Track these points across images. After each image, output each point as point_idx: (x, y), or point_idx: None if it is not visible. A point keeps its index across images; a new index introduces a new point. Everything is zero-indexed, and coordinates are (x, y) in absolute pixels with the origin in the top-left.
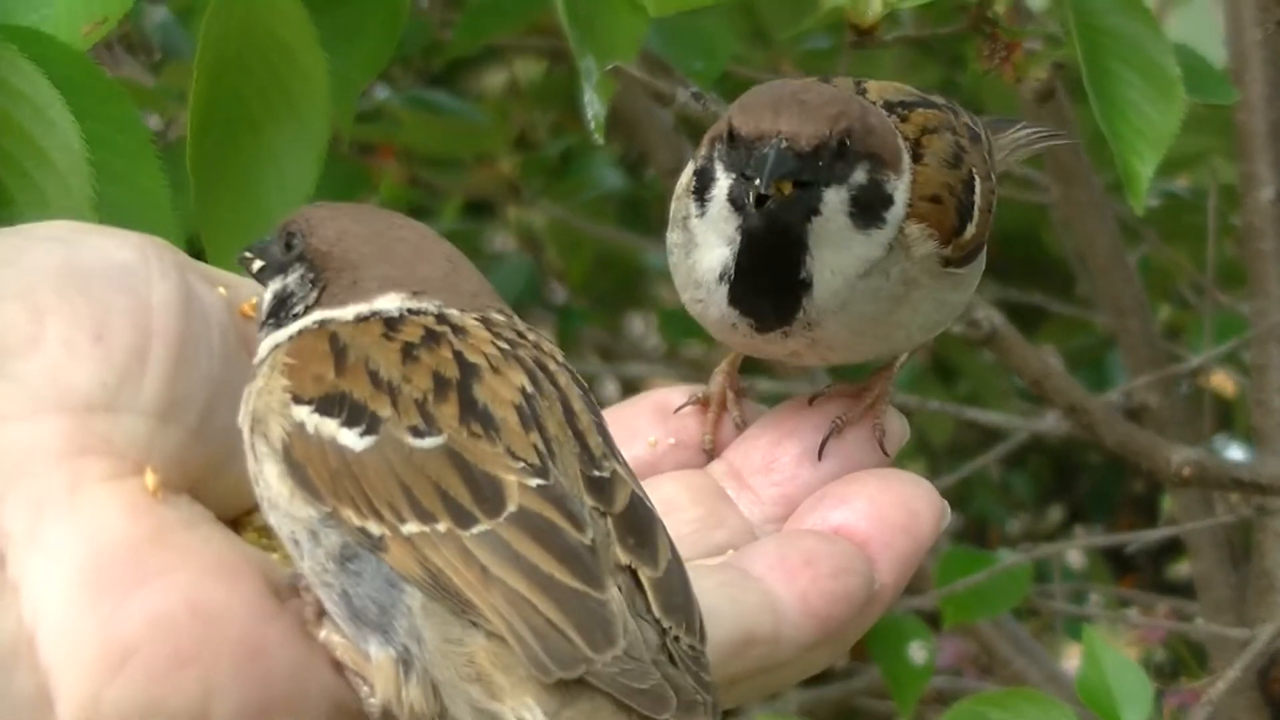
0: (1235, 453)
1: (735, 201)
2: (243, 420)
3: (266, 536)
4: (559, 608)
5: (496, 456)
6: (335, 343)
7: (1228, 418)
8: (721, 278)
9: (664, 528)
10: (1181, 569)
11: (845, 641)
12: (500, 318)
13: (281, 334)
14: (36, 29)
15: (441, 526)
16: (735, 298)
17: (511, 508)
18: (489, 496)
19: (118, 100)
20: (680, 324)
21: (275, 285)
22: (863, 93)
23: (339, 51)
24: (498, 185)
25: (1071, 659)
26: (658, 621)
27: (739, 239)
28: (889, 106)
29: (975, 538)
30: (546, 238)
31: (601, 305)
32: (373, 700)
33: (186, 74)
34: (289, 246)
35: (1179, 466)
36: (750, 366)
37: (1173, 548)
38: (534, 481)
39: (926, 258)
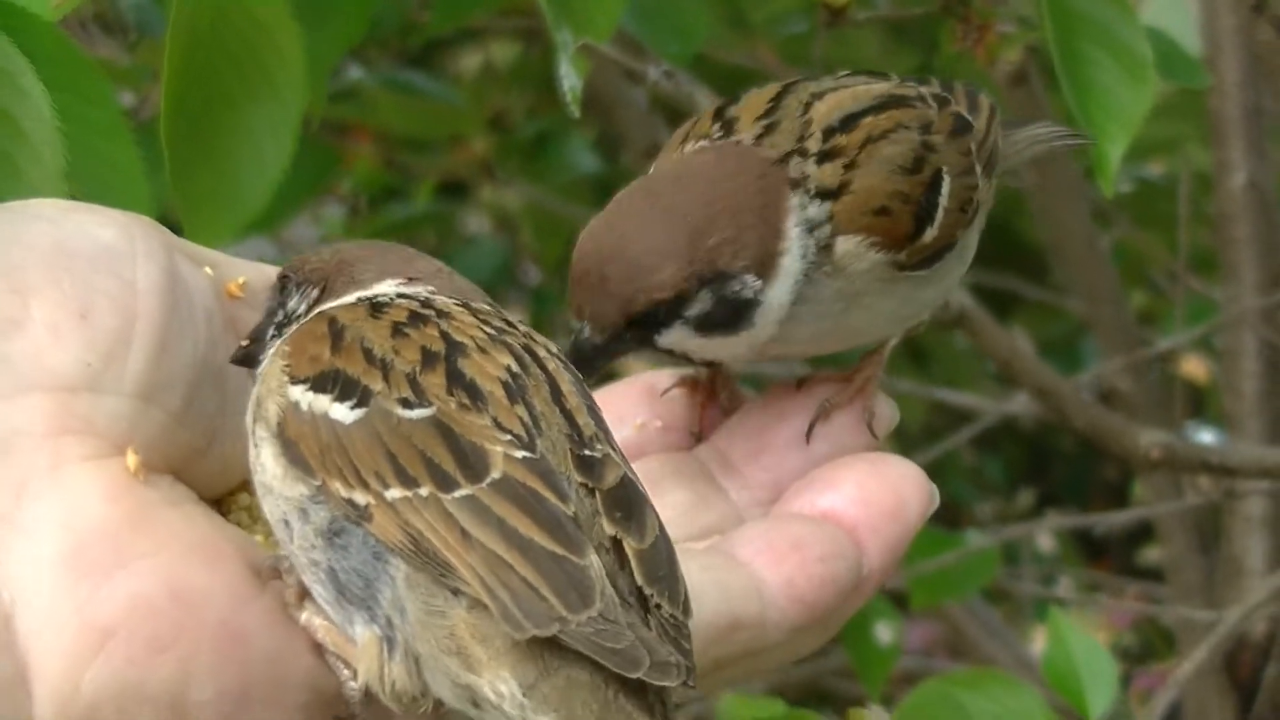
0: (1206, 438)
1: None
2: (249, 412)
3: (250, 519)
4: (536, 568)
5: (484, 428)
6: (333, 325)
7: (1199, 404)
8: None
9: (654, 509)
10: (1152, 554)
11: (832, 626)
12: (486, 307)
13: (286, 334)
14: (8, 1)
15: (424, 491)
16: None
17: (495, 474)
18: (473, 464)
19: (90, 74)
20: None
21: (278, 314)
22: (805, 125)
23: (311, 28)
24: (472, 167)
25: (1040, 642)
26: (640, 590)
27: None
28: (827, 133)
29: (946, 521)
30: (521, 220)
31: None
32: (353, 684)
33: (161, 52)
34: (284, 288)
35: (1148, 448)
36: None
37: (1143, 533)
38: (520, 453)
39: (871, 269)
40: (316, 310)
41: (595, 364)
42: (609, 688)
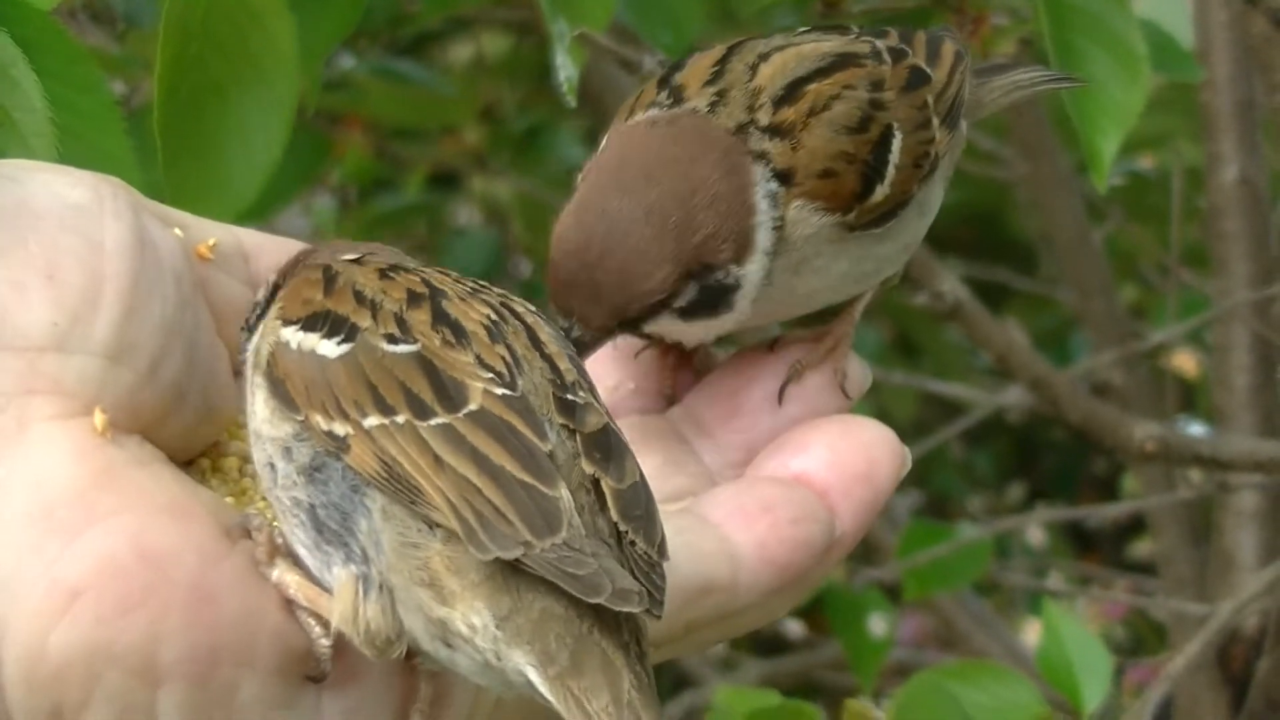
0: (1196, 431)
1: None
2: (247, 363)
3: (221, 483)
4: (505, 494)
5: (466, 364)
6: (327, 271)
7: (1190, 397)
8: None
9: (634, 458)
10: (1142, 548)
11: (804, 588)
12: (456, 274)
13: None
14: None
15: (401, 418)
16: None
17: (473, 406)
18: (452, 396)
19: (82, 63)
20: None
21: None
22: (755, 94)
23: (304, 18)
24: (464, 158)
25: (1032, 635)
26: (615, 525)
27: None
28: (776, 104)
29: (936, 514)
30: (512, 211)
31: None
32: (324, 641)
33: (151, 42)
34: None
35: (1142, 441)
36: None
37: (1133, 527)
38: (500, 390)
39: (818, 232)
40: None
41: (584, 355)
42: (583, 622)
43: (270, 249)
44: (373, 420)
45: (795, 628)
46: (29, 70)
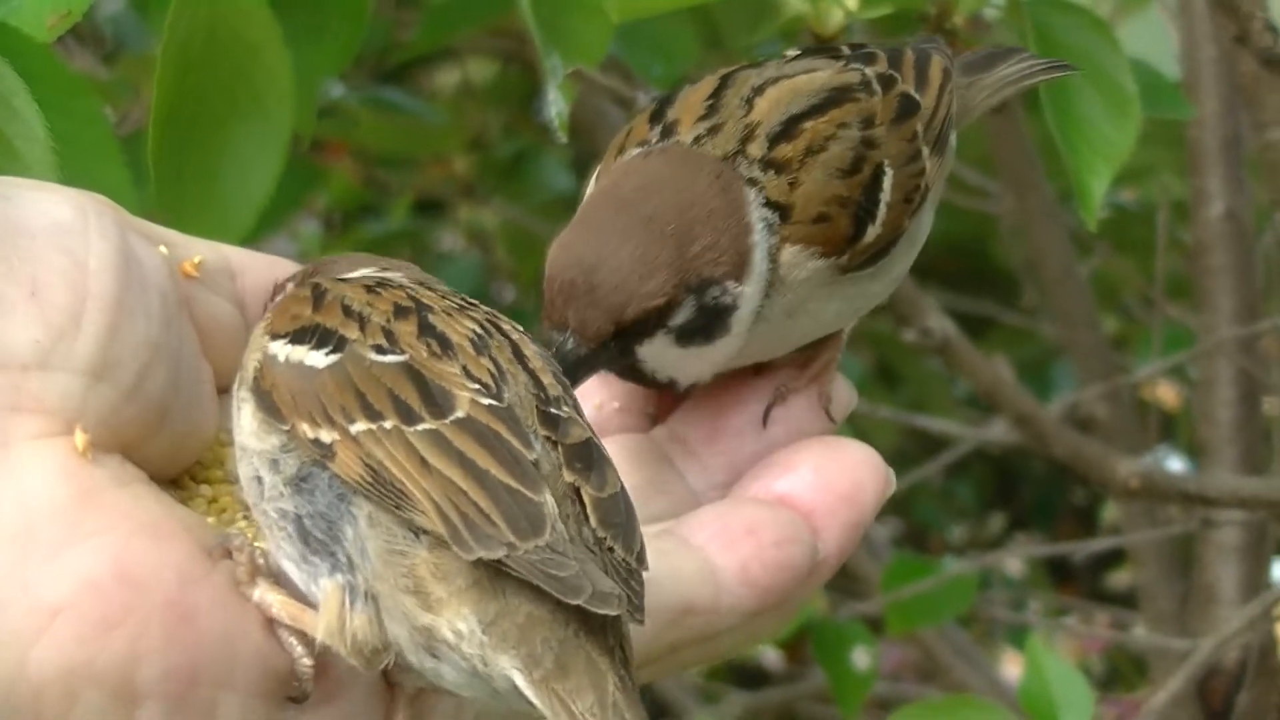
0: (1176, 463)
1: None
2: (235, 380)
3: (205, 504)
4: (490, 497)
5: (453, 375)
6: (316, 289)
7: (1169, 428)
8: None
9: (616, 471)
10: (1120, 578)
11: (788, 611)
12: (445, 289)
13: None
14: (1, 21)
15: (388, 424)
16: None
17: (460, 413)
18: (439, 403)
19: (81, 95)
20: None
21: None
22: (750, 128)
23: (302, 50)
24: (450, 185)
25: (1010, 666)
26: (594, 531)
27: None
28: (772, 141)
29: (917, 544)
30: (497, 238)
31: None
32: (306, 661)
33: (141, 67)
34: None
35: (1127, 478)
36: None
37: (1112, 557)
38: (486, 400)
39: (812, 276)
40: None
41: (578, 375)
42: (568, 626)
43: (257, 267)
44: (360, 426)
45: (775, 657)
46: (30, 101)
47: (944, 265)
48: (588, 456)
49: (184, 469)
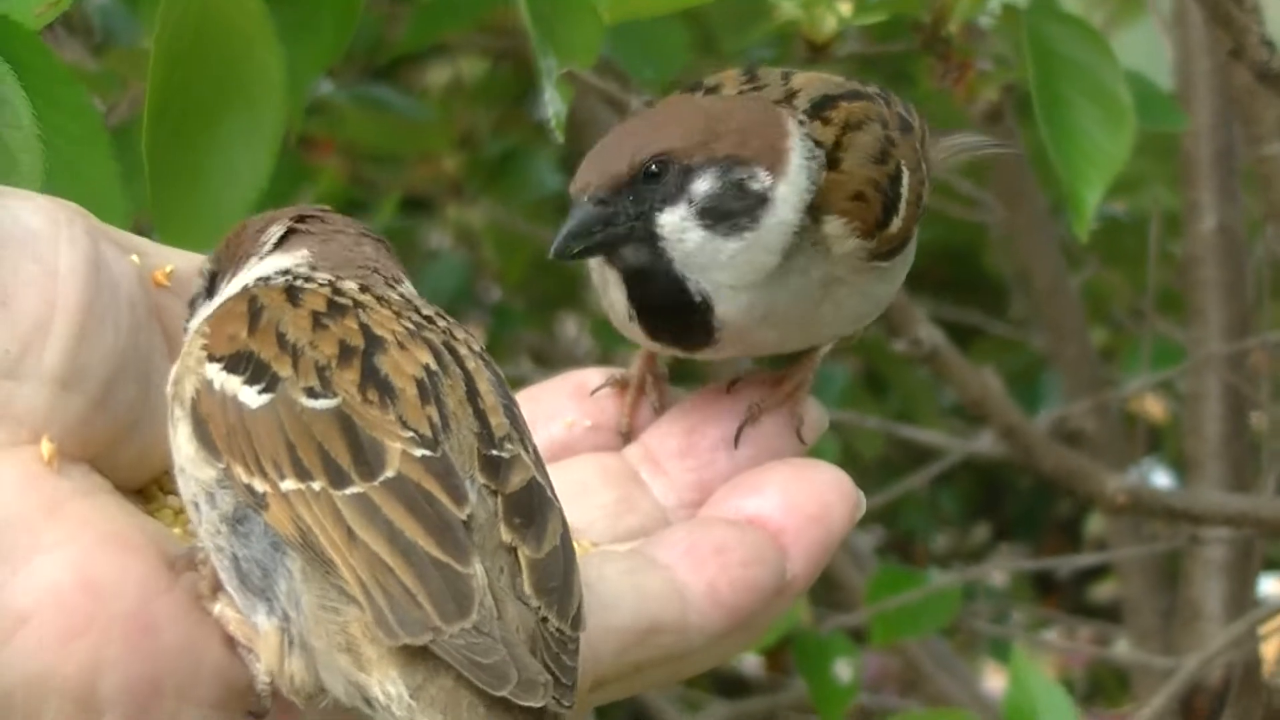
0: (1163, 478)
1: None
2: (169, 389)
3: (173, 515)
4: (416, 575)
5: (387, 424)
6: (253, 304)
7: (1157, 442)
8: (630, 317)
9: (561, 517)
10: (1103, 591)
11: (755, 630)
12: (396, 296)
13: (206, 309)
14: None
15: (317, 485)
16: (651, 331)
17: (389, 473)
18: (369, 460)
19: (70, 85)
20: (614, 329)
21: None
22: (790, 92)
23: (292, 46)
24: (438, 183)
25: (993, 678)
26: (529, 599)
27: (622, 281)
28: (813, 106)
29: (902, 554)
30: (484, 237)
31: (536, 307)
32: (264, 678)
33: (130, 59)
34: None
35: (1114, 493)
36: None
37: (1097, 570)
38: (419, 451)
39: (850, 254)
40: (230, 288)
41: (592, 233)
42: (493, 696)
43: None
44: (290, 484)
45: (756, 665)
46: (18, 88)
47: (934, 274)
48: (528, 507)
49: (151, 479)
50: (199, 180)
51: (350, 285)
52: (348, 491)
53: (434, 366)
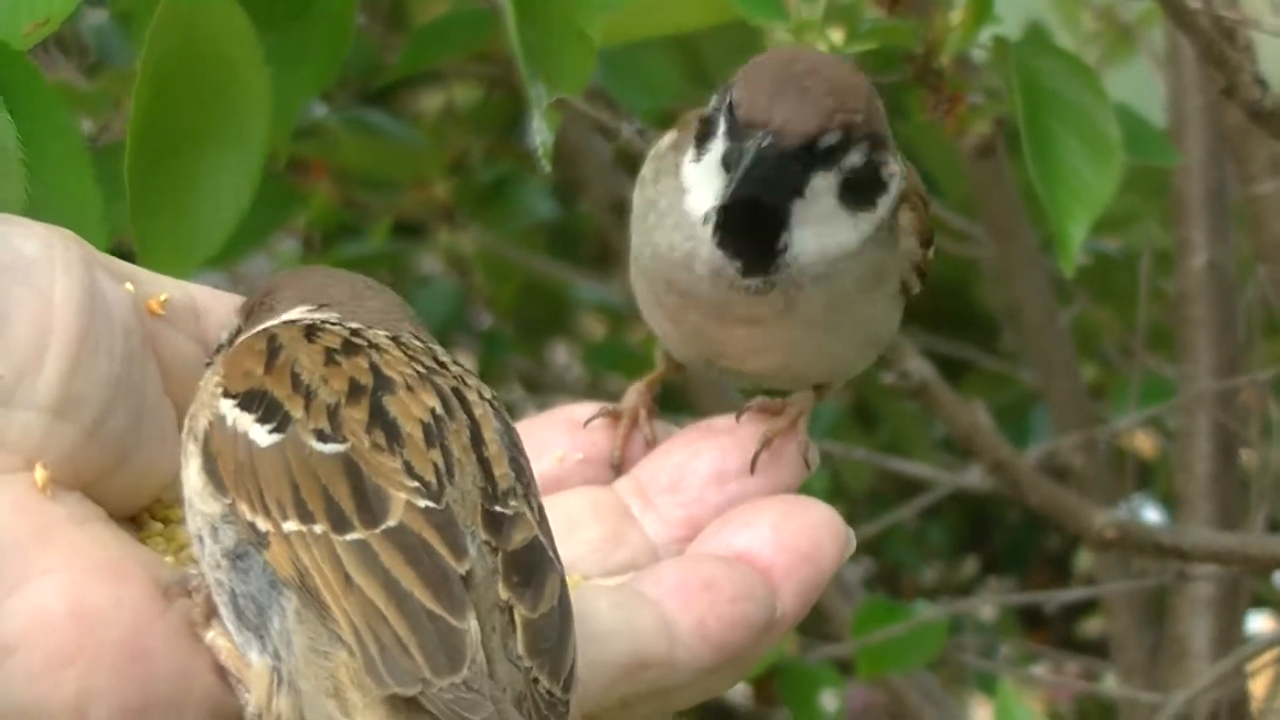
0: (1152, 514)
1: (725, 165)
2: (185, 425)
3: (165, 542)
4: (409, 625)
5: (393, 471)
6: (272, 343)
7: (1146, 478)
8: (708, 221)
9: (561, 578)
10: (1092, 626)
11: (744, 667)
12: (416, 342)
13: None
14: None
15: (318, 528)
16: (723, 241)
17: (391, 522)
18: (372, 508)
19: (54, 106)
20: (605, 356)
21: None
22: None
23: (283, 70)
24: (430, 208)
25: (980, 711)
26: (520, 661)
27: (726, 200)
28: None
29: (889, 586)
30: (475, 263)
31: (527, 334)
32: (253, 710)
33: (122, 80)
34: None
35: (1102, 528)
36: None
37: (1084, 605)
38: (423, 503)
39: (905, 255)
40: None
41: (764, 180)
42: None
43: (222, 307)
44: (291, 525)
45: (743, 693)
46: (3, 109)
47: (926, 308)
48: (528, 566)
49: (143, 507)
50: (180, 202)
51: (377, 334)
52: (348, 537)
53: (439, 411)
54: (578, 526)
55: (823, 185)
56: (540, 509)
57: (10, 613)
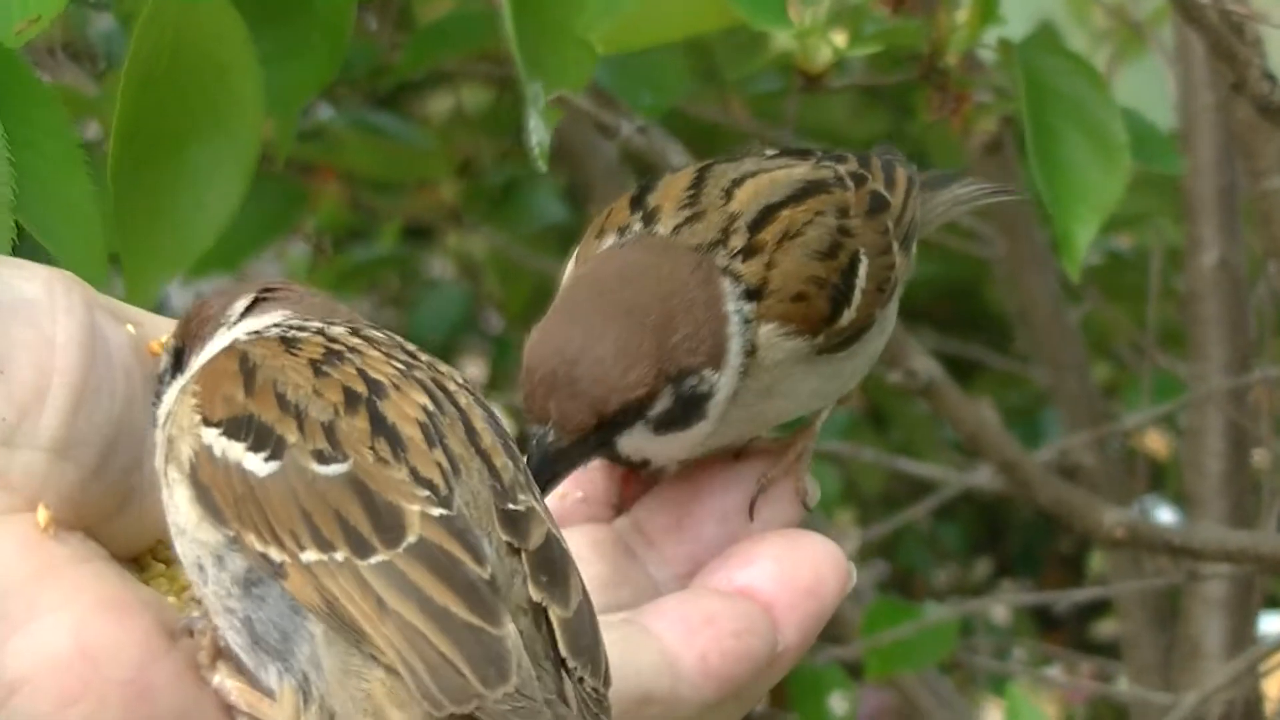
0: (1164, 513)
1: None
2: (157, 452)
3: (169, 583)
4: (452, 641)
5: (401, 484)
6: (245, 363)
7: (1158, 477)
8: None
9: (576, 567)
10: (1106, 628)
11: (747, 701)
12: (379, 334)
13: (184, 376)
14: None
15: (340, 555)
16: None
17: (411, 539)
18: (389, 526)
19: (48, 104)
20: None
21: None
22: (730, 218)
23: (281, 69)
24: (439, 211)
25: (993, 714)
26: (563, 662)
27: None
28: (751, 226)
29: (901, 587)
30: (485, 266)
31: None
32: None
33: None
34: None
35: (1112, 527)
36: None
37: (1098, 606)
38: (436, 511)
39: (788, 356)
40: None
41: (559, 469)
42: None
43: None
44: (311, 555)
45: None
46: None
47: (936, 308)
48: (551, 563)
49: (146, 548)
50: (166, 204)
51: (339, 330)
52: (372, 561)
53: (431, 407)
54: (579, 565)
55: (633, 436)
56: (541, 500)
57: (16, 651)
